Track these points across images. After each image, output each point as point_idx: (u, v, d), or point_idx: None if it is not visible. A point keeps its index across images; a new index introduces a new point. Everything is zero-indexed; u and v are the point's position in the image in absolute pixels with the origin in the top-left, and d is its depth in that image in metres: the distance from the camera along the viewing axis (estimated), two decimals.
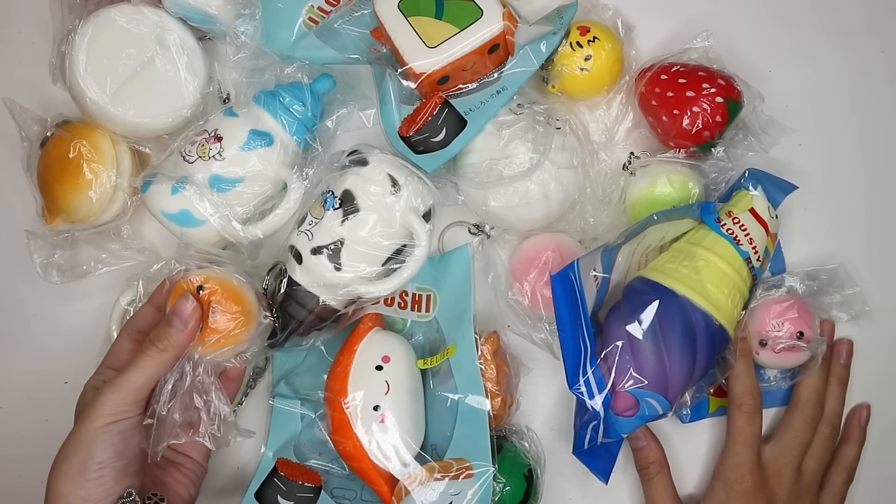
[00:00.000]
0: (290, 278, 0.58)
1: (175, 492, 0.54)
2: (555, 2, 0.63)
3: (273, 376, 0.62)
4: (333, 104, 0.62)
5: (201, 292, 0.53)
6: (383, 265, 0.57)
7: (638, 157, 0.61)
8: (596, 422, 0.51)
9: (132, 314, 0.59)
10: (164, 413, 0.50)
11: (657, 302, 0.52)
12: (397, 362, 0.56)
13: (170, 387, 0.51)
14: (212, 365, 0.53)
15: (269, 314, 0.56)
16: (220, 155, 0.57)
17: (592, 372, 0.52)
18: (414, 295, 0.61)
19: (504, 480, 0.55)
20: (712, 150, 0.59)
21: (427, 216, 0.58)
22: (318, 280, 0.57)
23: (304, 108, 0.58)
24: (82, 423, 0.49)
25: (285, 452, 0.59)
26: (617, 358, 0.52)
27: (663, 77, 0.59)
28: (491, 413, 0.56)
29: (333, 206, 0.56)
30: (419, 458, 0.55)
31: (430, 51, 0.57)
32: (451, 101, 0.58)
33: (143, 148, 0.63)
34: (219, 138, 0.57)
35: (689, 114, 0.58)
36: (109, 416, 0.49)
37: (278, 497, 0.56)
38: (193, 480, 0.56)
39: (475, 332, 0.58)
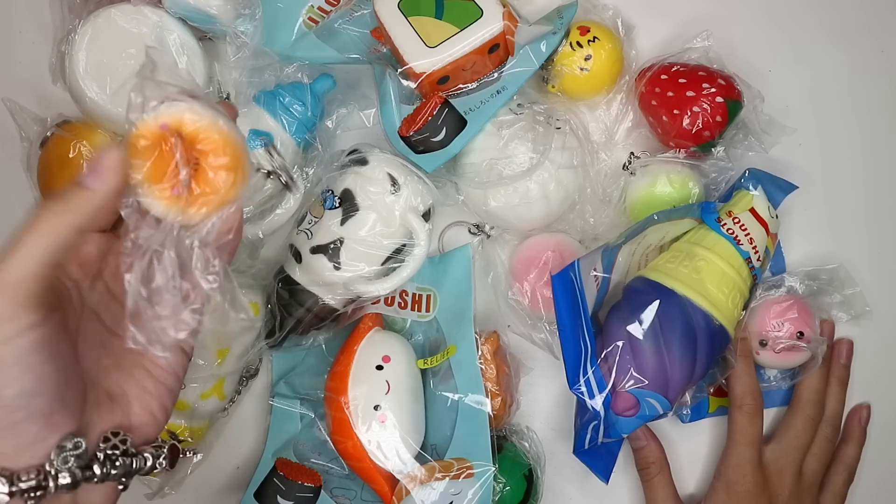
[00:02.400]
0: (289, 277, 0.58)
1: (143, 408, 0.38)
2: (555, 2, 0.63)
3: (272, 376, 0.62)
4: (333, 104, 0.62)
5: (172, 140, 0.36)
6: (383, 264, 0.57)
7: (638, 157, 0.61)
8: (596, 422, 0.51)
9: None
10: (145, 293, 0.34)
11: (657, 302, 0.52)
12: (398, 362, 0.56)
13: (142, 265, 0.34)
14: (200, 239, 0.37)
15: (262, 166, 0.42)
16: None
17: (593, 372, 0.52)
18: (414, 295, 0.61)
19: (504, 480, 0.55)
20: (712, 149, 0.59)
21: (427, 216, 0.58)
22: (318, 279, 0.57)
23: (304, 108, 0.58)
24: None
25: (285, 452, 0.59)
26: (617, 358, 0.52)
27: (663, 77, 0.59)
28: (491, 413, 0.56)
29: (333, 205, 0.56)
30: (419, 458, 0.55)
31: (430, 50, 0.57)
32: (451, 100, 0.58)
33: None
34: None
35: (689, 113, 0.58)
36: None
37: (278, 497, 0.55)
38: (168, 386, 0.39)
39: (475, 332, 0.58)
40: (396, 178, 0.57)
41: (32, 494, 0.33)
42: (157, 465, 0.38)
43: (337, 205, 0.56)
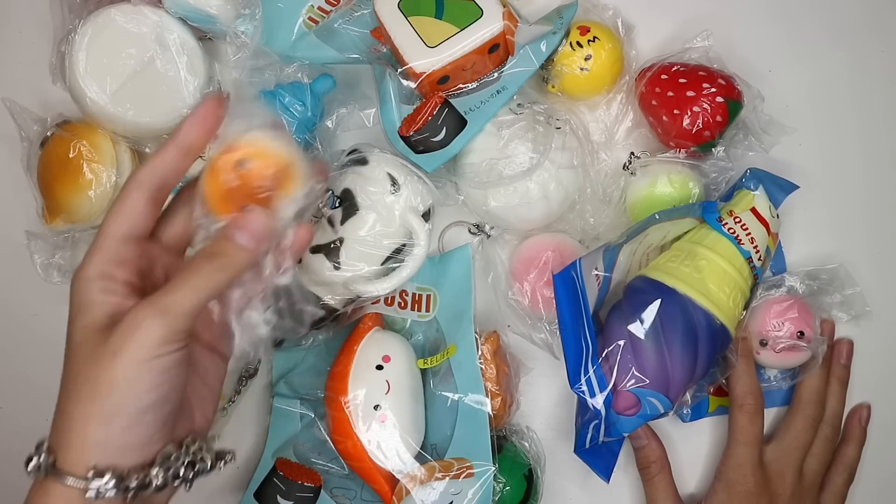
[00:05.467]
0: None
1: (201, 415, 0.43)
2: (555, 2, 0.63)
3: (273, 376, 0.62)
4: (333, 104, 0.62)
5: (242, 168, 0.41)
6: (382, 264, 0.57)
7: (638, 157, 0.61)
8: (597, 421, 0.51)
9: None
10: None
11: (659, 301, 0.52)
12: (398, 362, 0.56)
13: None
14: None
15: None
16: None
17: (594, 371, 0.52)
18: (414, 295, 0.61)
19: (504, 480, 0.55)
20: (712, 149, 0.59)
21: (426, 216, 0.58)
22: (317, 279, 0.57)
23: (304, 108, 0.58)
24: (117, 356, 0.37)
25: (285, 452, 0.58)
26: (618, 357, 0.51)
27: (663, 77, 0.59)
28: (491, 413, 0.56)
29: (333, 205, 0.56)
30: (419, 458, 0.55)
31: (430, 50, 0.57)
32: (451, 100, 0.58)
33: (143, 148, 0.63)
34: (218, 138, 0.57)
35: (689, 113, 0.58)
36: (154, 347, 0.37)
37: (278, 497, 0.55)
38: (216, 393, 0.45)
39: (475, 332, 0.58)
40: (396, 178, 0.57)
41: (135, 493, 0.37)
42: (219, 468, 0.42)
43: (337, 205, 0.56)
